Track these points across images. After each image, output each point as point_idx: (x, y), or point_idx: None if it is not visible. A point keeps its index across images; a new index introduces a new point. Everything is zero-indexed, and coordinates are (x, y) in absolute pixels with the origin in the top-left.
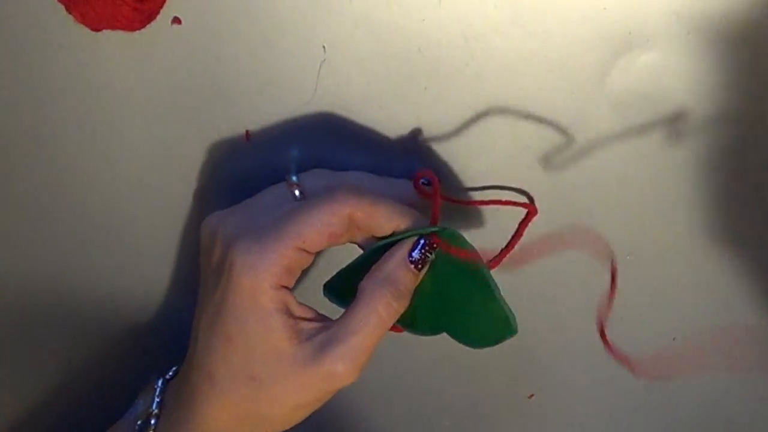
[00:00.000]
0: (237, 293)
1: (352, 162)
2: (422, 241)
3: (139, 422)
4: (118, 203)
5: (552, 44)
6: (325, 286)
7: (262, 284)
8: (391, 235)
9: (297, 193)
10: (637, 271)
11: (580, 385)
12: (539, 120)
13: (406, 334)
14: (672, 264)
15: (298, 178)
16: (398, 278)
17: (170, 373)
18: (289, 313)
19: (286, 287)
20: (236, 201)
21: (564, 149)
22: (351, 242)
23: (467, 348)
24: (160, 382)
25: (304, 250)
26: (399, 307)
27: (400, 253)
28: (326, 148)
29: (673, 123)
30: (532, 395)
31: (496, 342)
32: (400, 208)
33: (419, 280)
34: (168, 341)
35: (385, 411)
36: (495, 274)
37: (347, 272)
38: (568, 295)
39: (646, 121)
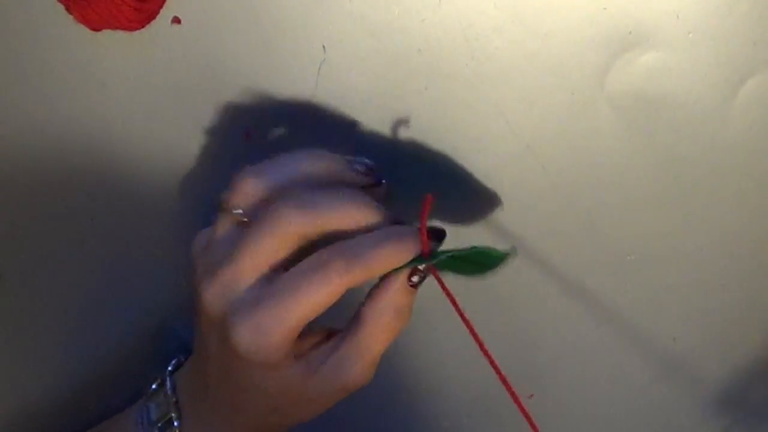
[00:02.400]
0: (249, 366)
1: None
2: (421, 268)
3: (159, 425)
4: (117, 203)
5: (552, 44)
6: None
7: (278, 357)
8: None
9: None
10: (637, 271)
11: (580, 385)
12: (539, 120)
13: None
14: (672, 264)
15: (242, 211)
16: (400, 303)
17: (170, 367)
18: (301, 356)
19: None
20: None
21: (564, 149)
22: None
23: (466, 347)
24: (169, 382)
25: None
26: (404, 324)
27: (400, 281)
28: (326, 148)
29: (673, 123)
30: (532, 395)
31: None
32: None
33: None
34: (166, 337)
35: (384, 411)
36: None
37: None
38: (567, 296)
39: (646, 121)
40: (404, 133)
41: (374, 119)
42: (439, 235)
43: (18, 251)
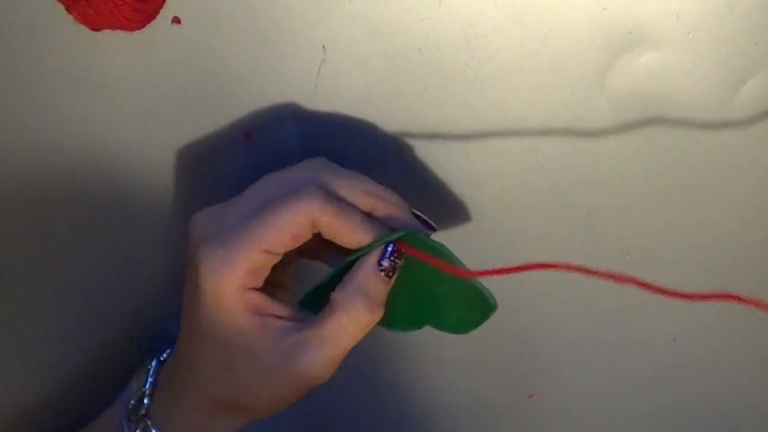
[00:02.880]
0: (204, 296)
1: (352, 162)
2: (389, 248)
3: (132, 401)
4: (117, 202)
5: (552, 44)
6: (299, 302)
7: (227, 288)
8: (359, 249)
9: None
10: (637, 271)
11: (580, 385)
12: (539, 120)
13: (404, 335)
14: (672, 264)
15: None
16: (370, 287)
17: (164, 356)
18: (258, 312)
19: (253, 288)
20: None
21: (564, 149)
22: (321, 261)
23: (466, 348)
24: (153, 363)
25: (269, 252)
26: (374, 318)
27: (370, 262)
28: (326, 148)
29: (673, 123)
30: (532, 395)
31: (480, 323)
32: (366, 222)
33: (390, 286)
34: (160, 330)
35: (385, 411)
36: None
37: (319, 288)
38: (568, 295)
39: (647, 121)
40: (404, 133)
41: (374, 119)
42: (426, 224)
43: (18, 251)
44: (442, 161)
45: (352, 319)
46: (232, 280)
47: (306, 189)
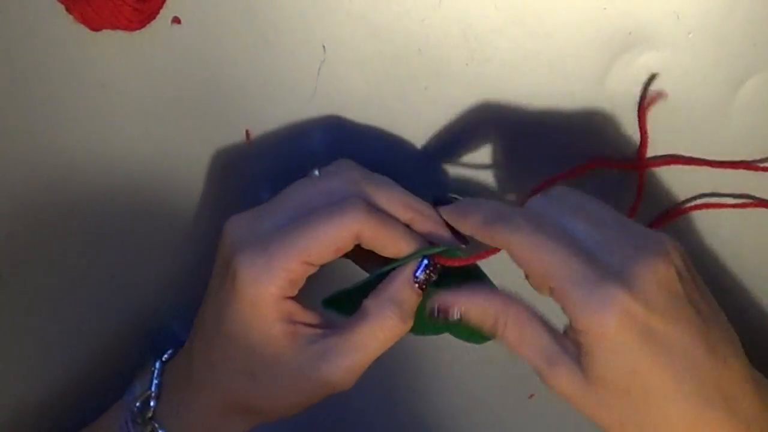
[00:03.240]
0: (240, 301)
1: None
2: (425, 262)
3: (137, 404)
4: (117, 202)
5: (552, 44)
6: (324, 301)
7: (265, 297)
8: (396, 260)
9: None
10: None
11: None
12: (539, 120)
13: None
14: None
15: (320, 173)
16: (403, 299)
17: (166, 356)
18: (291, 320)
19: (289, 297)
20: (236, 200)
21: (564, 149)
22: (353, 262)
23: (467, 348)
24: (158, 364)
25: (310, 264)
26: (404, 327)
27: (405, 274)
28: (326, 148)
29: (673, 123)
30: (532, 395)
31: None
32: (407, 234)
33: (421, 298)
34: (163, 331)
35: (385, 411)
36: (490, 267)
37: (349, 293)
38: None
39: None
40: (404, 133)
41: (374, 119)
42: (461, 238)
43: (18, 251)
44: (442, 161)
45: (382, 328)
46: (271, 290)
47: (349, 203)
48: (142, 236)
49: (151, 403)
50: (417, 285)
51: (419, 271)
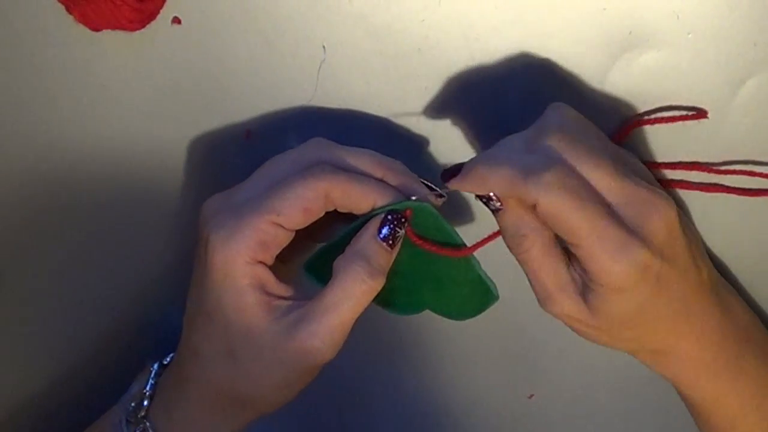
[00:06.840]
0: (213, 269)
1: None
2: (390, 217)
3: (132, 404)
4: (117, 202)
5: (552, 44)
6: (304, 265)
7: (236, 259)
8: (365, 215)
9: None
10: None
11: (580, 385)
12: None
13: (403, 332)
14: None
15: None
16: (370, 254)
17: (167, 359)
18: (264, 290)
19: (262, 263)
20: None
21: None
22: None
23: (467, 348)
24: (155, 366)
25: (280, 226)
26: (374, 284)
27: (370, 229)
28: None
29: (673, 122)
30: (532, 395)
31: (480, 311)
32: (377, 186)
33: (393, 257)
34: (164, 334)
35: (385, 411)
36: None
37: (326, 251)
38: None
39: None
40: (404, 133)
41: (374, 119)
42: (429, 187)
43: (18, 251)
44: (443, 161)
45: (352, 284)
46: (241, 250)
47: (317, 164)
48: (142, 236)
49: (144, 403)
50: (383, 241)
51: (384, 227)
